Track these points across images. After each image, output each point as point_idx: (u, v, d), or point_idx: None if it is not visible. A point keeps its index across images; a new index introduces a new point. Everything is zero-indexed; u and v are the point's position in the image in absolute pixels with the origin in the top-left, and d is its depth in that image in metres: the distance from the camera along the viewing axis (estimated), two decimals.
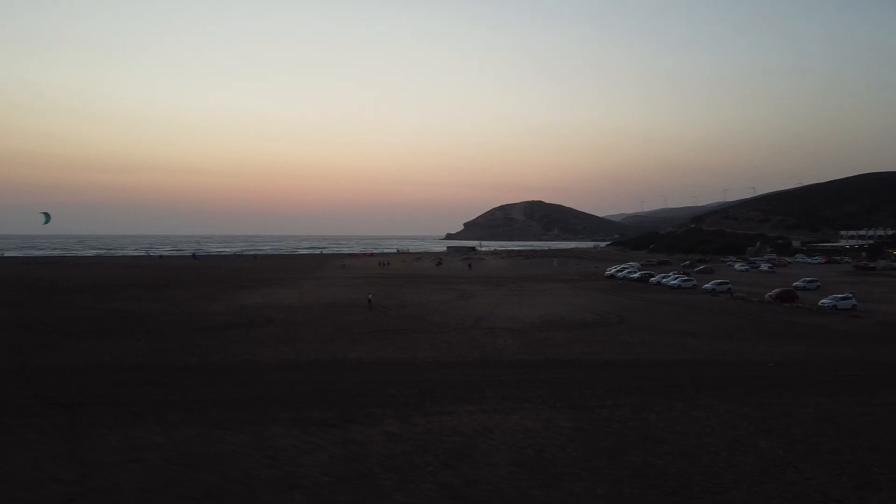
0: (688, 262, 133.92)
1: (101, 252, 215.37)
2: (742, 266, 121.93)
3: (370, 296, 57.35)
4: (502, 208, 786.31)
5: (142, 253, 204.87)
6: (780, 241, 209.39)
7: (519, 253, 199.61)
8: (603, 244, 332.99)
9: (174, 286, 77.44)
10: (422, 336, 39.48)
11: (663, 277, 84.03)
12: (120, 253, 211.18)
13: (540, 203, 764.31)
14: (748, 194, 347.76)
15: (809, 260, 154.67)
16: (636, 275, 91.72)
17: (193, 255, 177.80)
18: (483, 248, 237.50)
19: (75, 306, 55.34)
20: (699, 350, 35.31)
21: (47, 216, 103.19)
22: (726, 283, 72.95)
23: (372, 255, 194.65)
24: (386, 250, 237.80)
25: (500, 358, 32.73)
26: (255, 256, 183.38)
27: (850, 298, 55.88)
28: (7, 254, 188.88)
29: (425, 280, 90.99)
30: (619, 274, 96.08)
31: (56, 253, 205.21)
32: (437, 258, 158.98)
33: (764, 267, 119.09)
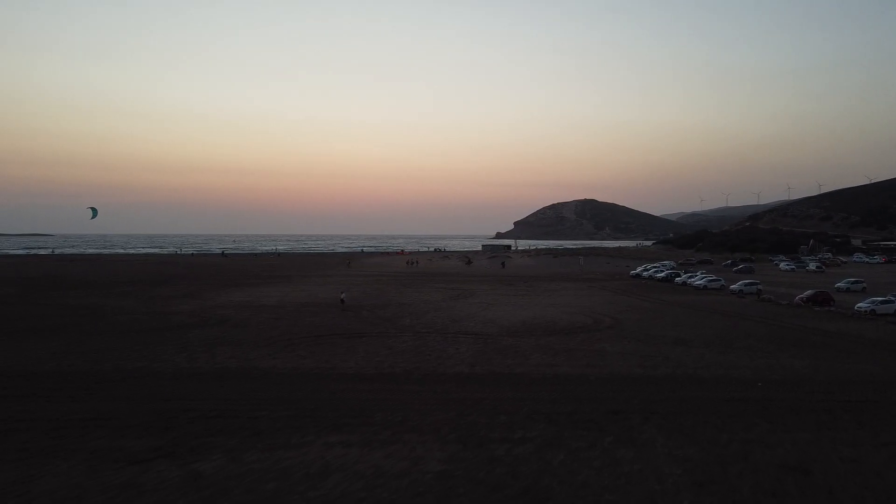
0: (729, 262, 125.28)
1: (138, 251, 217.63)
2: (788, 265, 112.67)
3: (343, 295, 52.90)
4: (553, 207, 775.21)
5: (174, 251, 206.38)
6: (838, 240, 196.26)
7: (549, 251, 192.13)
8: (648, 243, 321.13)
9: (168, 283, 74.98)
10: (368, 341, 34.77)
11: (690, 277, 76.93)
12: (153, 251, 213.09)
13: (592, 201, 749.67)
14: (814, 192, 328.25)
15: (867, 259, 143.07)
16: (662, 274, 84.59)
17: (223, 253, 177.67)
18: (521, 248, 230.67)
19: (47, 303, 53.01)
20: (681, 363, 29.38)
21: (94, 211, 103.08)
22: (755, 284, 65.61)
23: (402, 252, 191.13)
24: (422, 249, 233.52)
25: (434, 370, 27.70)
26: (278, 254, 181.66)
27: (892, 302, 48.18)
28: (58, 251, 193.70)
29: (436, 279, 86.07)
30: (646, 273, 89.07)
31: (93, 251, 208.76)
32: (467, 257, 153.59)
33: (812, 266, 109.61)
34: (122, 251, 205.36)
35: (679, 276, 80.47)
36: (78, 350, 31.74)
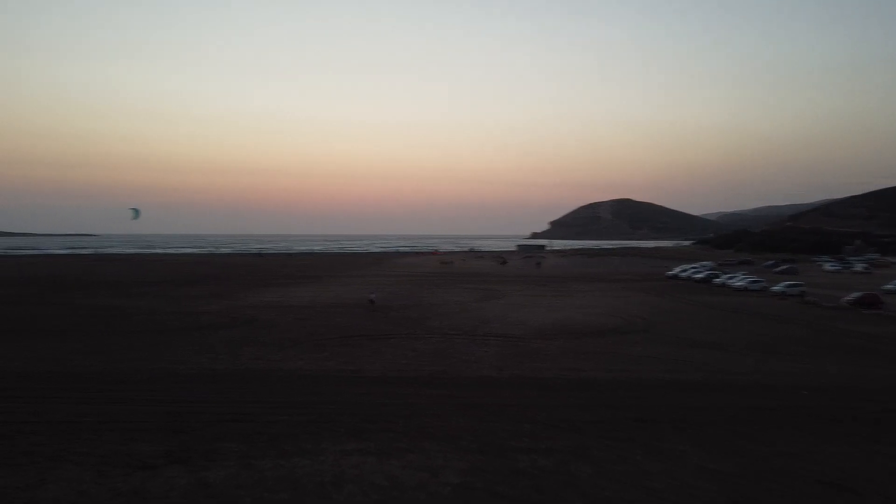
0: (771, 262, 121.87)
1: (176, 250, 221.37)
2: (833, 266, 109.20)
3: (372, 296, 52.46)
4: (589, 206, 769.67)
5: (211, 251, 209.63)
6: (885, 240, 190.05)
7: (583, 251, 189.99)
8: (686, 243, 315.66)
9: (199, 283, 75.70)
10: (394, 343, 34.20)
11: (729, 278, 74.80)
12: (190, 251, 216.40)
13: (628, 201, 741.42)
14: (859, 191, 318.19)
15: None
16: (700, 275, 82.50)
17: (259, 254, 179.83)
18: (556, 248, 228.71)
19: (66, 303, 53.61)
20: (717, 369, 28.13)
21: (136, 212, 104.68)
22: (799, 285, 63.43)
23: (435, 252, 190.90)
24: (456, 249, 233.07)
25: (459, 374, 26.95)
26: (311, 254, 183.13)
27: None
28: (100, 250, 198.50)
29: (468, 279, 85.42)
30: (683, 274, 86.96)
31: (133, 251, 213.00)
32: (502, 257, 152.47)
33: (858, 267, 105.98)
34: (160, 251, 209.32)
35: (718, 276, 78.38)
36: (98, 350, 31.72)
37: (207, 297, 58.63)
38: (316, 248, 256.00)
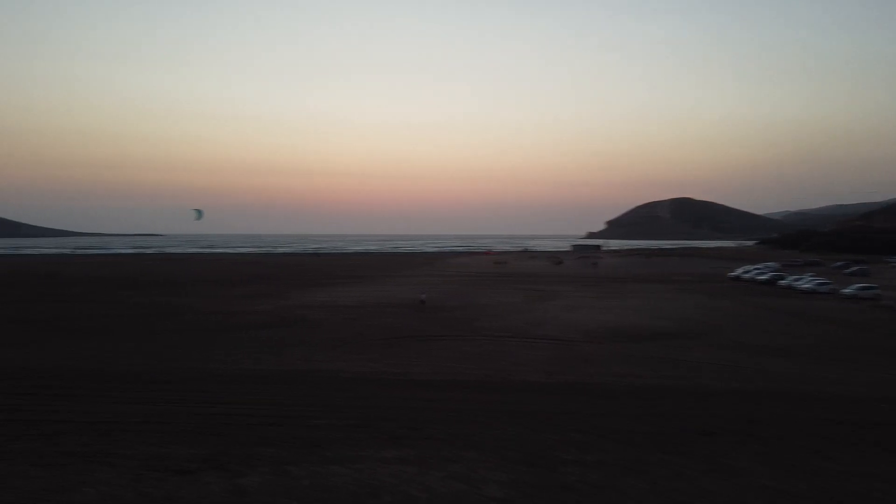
0: (841, 263, 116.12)
1: (235, 250, 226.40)
2: None
3: (423, 296, 51.94)
4: (647, 206, 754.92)
5: (267, 250, 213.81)
6: None
7: (640, 251, 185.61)
8: (749, 243, 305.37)
9: (250, 283, 76.88)
10: (442, 345, 33.55)
11: (796, 280, 71.30)
12: (248, 250, 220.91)
13: (688, 200, 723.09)
14: None
15: None
16: (764, 276, 79.03)
17: (315, 254, 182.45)
18: (612, 248, 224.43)
19: (120, 301, 54.95)
20: (784, 378, 26.34)
21: (199, 212, 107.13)
22: (872, 288, 59.81)
23: (489, 252, 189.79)
24: (510, 249, 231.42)
25: (507, 378, 26.02)
26: (366, 254, 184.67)
27: None
28: (165, 250, 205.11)
29: (521, 279, 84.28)
30: (746, 275, 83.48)
31: (194, 250, 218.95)
32: (557, 258, 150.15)
33: None
34: (220, 251, 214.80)
35: (783, 278, 74.91)
36: (148, 349, 32.10)
37: (259, 296, 59.30)
38: (371, 247, 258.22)
